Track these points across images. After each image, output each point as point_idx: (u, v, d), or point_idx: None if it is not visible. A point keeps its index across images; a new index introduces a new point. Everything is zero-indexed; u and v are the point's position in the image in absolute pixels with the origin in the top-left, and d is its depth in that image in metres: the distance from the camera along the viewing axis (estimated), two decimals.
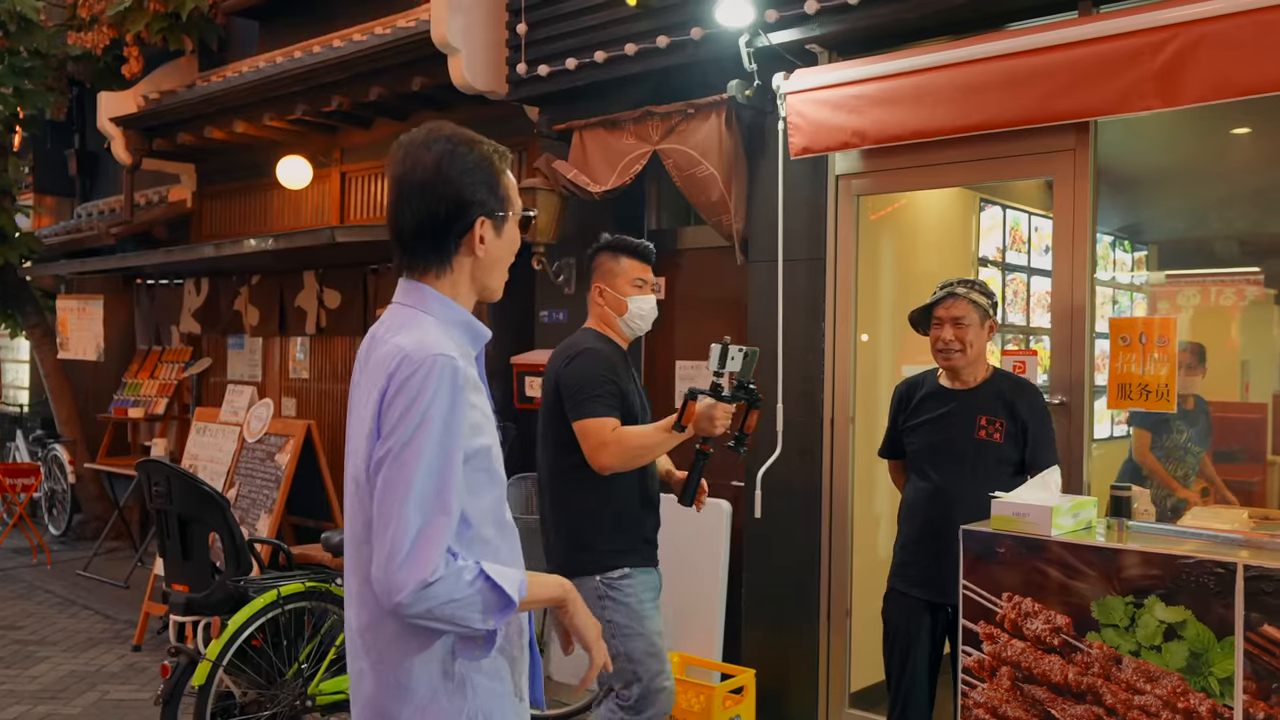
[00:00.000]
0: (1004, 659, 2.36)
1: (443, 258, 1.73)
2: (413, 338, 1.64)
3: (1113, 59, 3.53)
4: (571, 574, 2.97)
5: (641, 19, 4.90)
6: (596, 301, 3.28)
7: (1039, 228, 6.08)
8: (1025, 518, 2.35)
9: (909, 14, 4.08)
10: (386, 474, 1.57)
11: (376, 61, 6.08)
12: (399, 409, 1.58)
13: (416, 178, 1.72)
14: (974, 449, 3.14)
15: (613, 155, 5.11)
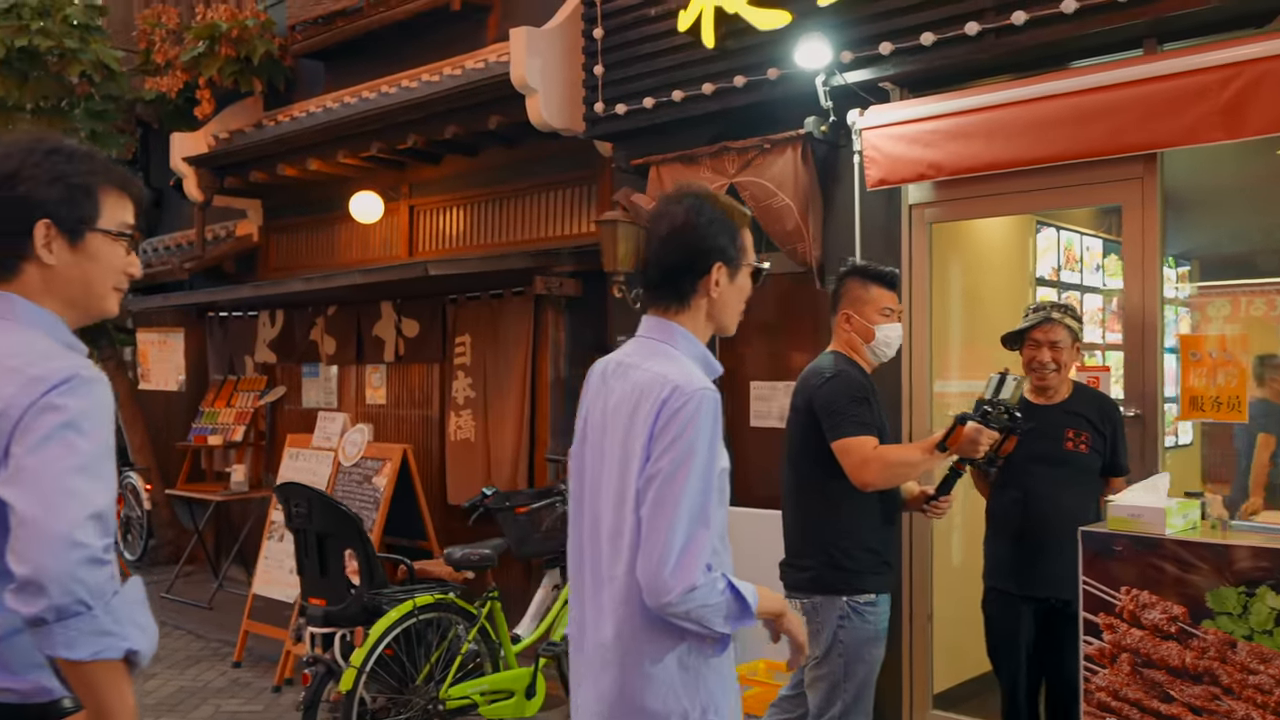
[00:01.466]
0: (1124, 646, 2.62)
1: (682, 298, 2.02)
2: (677, 370, 1.93)
3: (1180, 95, 3.80)
4: (819, 591, 3.18)
5: (719, 60, 5.20)
6: (843, 327, 3.36)
7: (1090, 247, 6.34)
8: (1140, 519, 2.62)
9: (980, 54, 4.38)
10: (658, 492, 1.85)
11: (453, 102, 6.40)
12: (671, 435, 1.86)
13: (666, 227, 2.02)
14: (1063, 459, 3.41)
15: None
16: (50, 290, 1.72)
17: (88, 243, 1.72)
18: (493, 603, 4.37)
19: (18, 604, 1.48)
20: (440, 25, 7.02)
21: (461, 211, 7.37)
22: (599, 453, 2.03)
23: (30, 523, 1.49)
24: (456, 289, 6.56)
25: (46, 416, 1.55)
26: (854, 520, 3.21)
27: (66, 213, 1.70)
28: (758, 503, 5.44)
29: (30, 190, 1.68)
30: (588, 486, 2.06)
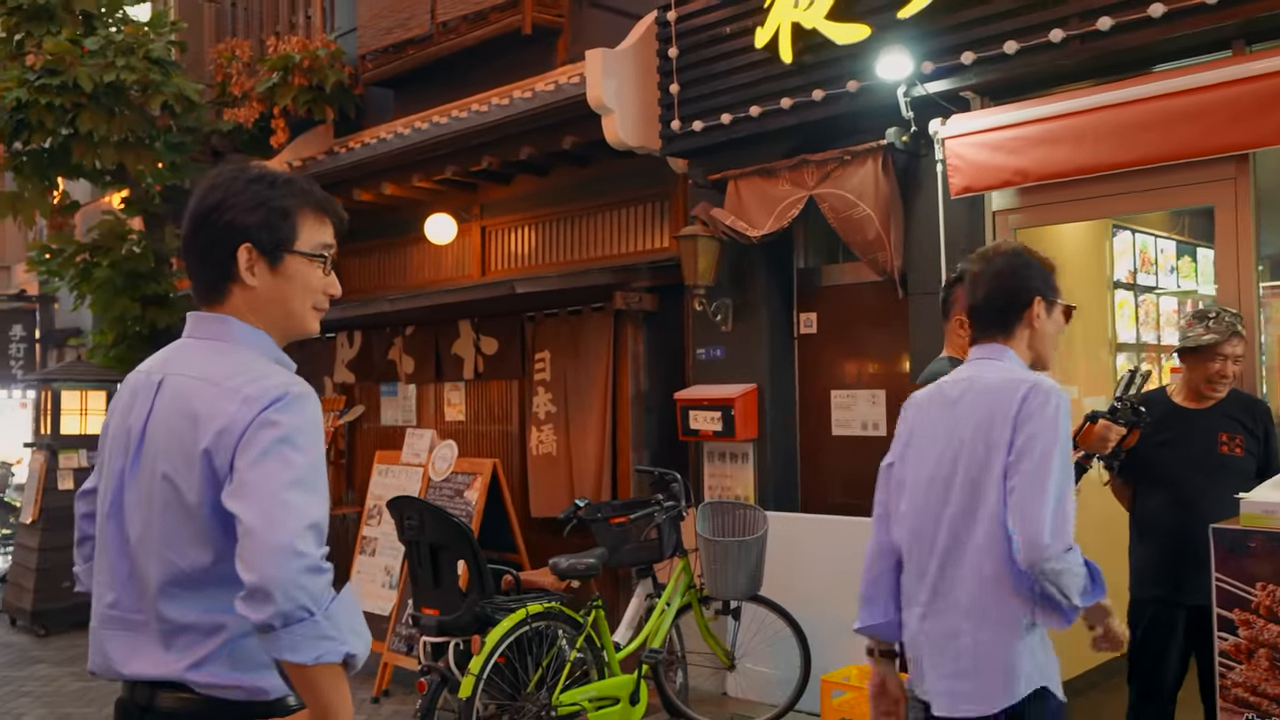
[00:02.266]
0: (1261, 642, 2.66)
1: (1008, 329, 2.42)
2: (1023, 372, 2.36)
3: (1271, 94, 3.83)
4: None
5: (796, 75, 5.29)
6: (957, 333, 3.37)
7: (1164, 250, 6.35)
8: (1275, 515, 2.65)
9: (1064, 60, 4.43)
10: (1033, 471, 2.16)
11: (528, 124, 6.54)
12: (1036, 425, 2.19)
13: (991, 272, 2.47)
14: (1218, 463, 3.43)
15: (769, 201, 5.50)
16: (255, 311, 1.82)
17: (286, 264, 1.81)
18: (597, 611, 4.46)
19: (247, 610, 1.57)
20: (510, 50, 7.18)
21: (533, 230, 7.51)
22: (931, 457, 2.37)
23: (254, 533, 1.58)
24: (535, 306, 6.69)
25: (265, 432, 1.64)
26: None
27: (266, 236, 1.79)
28: (841, 509, 5.50)
29: (234, 218, 1.78)
30: (917, 487, 2.39)
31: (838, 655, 5.06)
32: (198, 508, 1.67)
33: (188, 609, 1.69)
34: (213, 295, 1.83)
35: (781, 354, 5.89)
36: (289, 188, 1.84)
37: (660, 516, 4.90)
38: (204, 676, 1.69)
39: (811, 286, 5.94)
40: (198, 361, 1.78)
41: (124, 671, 1.76)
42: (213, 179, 1.85)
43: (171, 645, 1.71)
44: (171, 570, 1.70)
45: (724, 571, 4.82)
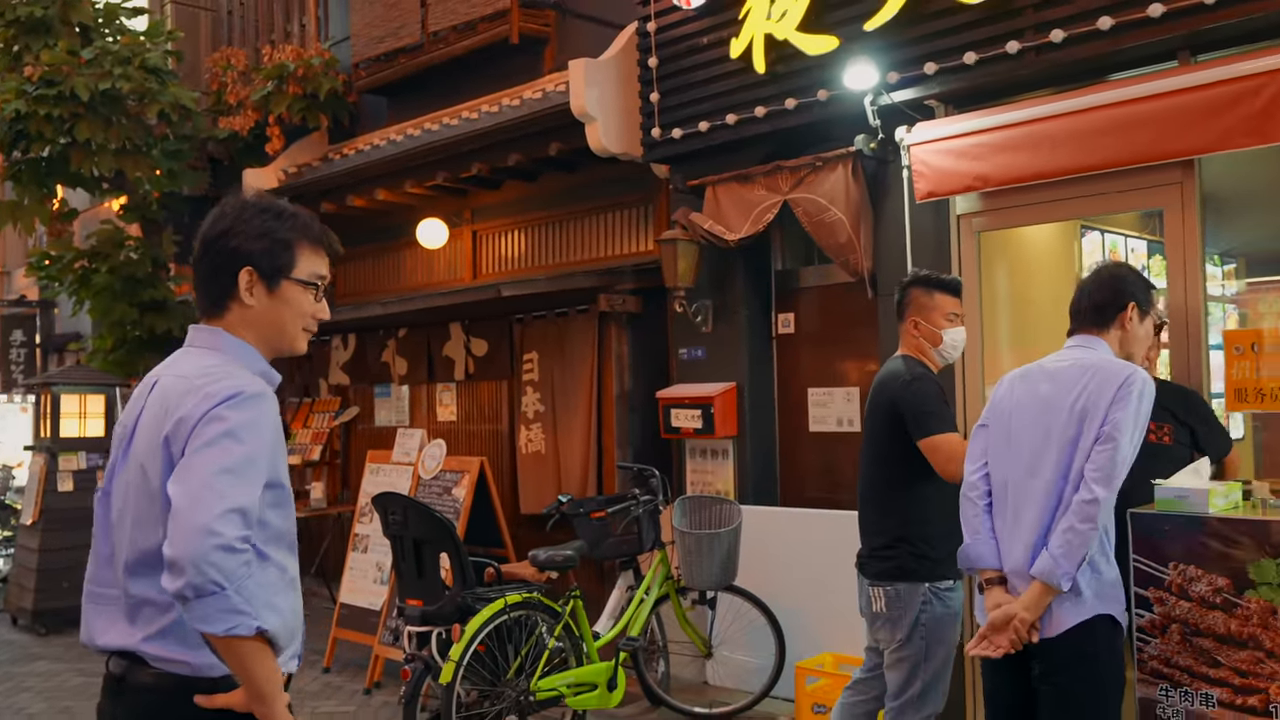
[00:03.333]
0: (1173, 617, 2.84)
1: (1104, 324, 3.01)
2: (1117, 362, 2.88)
3: (1215, 103, 4.01)
4: (902, 579, 3.42)
5: (769, 84, 5.49)
6: (911, 333, 3.60)
7: (1134, 249, 6.52)
8: (1186, 500, 2.84)
9: (1021, 70, 4.62)
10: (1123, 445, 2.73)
11: (515, 131, 6.74)
12: (1124, 402, 2.74)
13: (1099, 276, 3.12)
14: (1148, 451, 3.59)
15: (745, 206, 5.69)
16: (248, 326, 2.03)
17: (283, 289, 2.02)
18: (575, 601, 4.65)
19: (166, 582, 1.75)
20: (498, 59, 7.37)
21: (522, 234, 7.70)
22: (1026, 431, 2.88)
23: (179, 512, 1.76)
24: (523, 309, 6.89)
25: (213, 425, 1.83)
26: (934, 512, 3.42)
27: (267, 263, 2.00)
28: (818, 503, 5.70)
29: (240, 244, 1.99)
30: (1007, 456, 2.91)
31: (812, 643, 5.26)
32: (158, 492, 1.85)
33: (149, 585, 1.86)
34: (214, 310, 2.04)
35: (760, 353, 6.08)
36: (292, 221, 2.05)
37: (638, 511, 5.09)
38: (155, 649, 1.88)
39: (788, 288, 6.14)
40: (184, 364, 1.98)
41: (98, 643, 1.97)
42: (224, 207, 2.06)
43: (134, 618, 1.90)
44: (137, 549, 1.89)
45: (699, 563, 5.01)
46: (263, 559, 1.87)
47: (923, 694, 3.40)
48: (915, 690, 3.40)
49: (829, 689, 4.81)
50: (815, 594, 5.21)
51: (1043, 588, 2.72)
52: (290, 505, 2.01)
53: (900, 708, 3.43)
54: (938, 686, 3.42)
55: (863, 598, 3.56)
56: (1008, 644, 2.74)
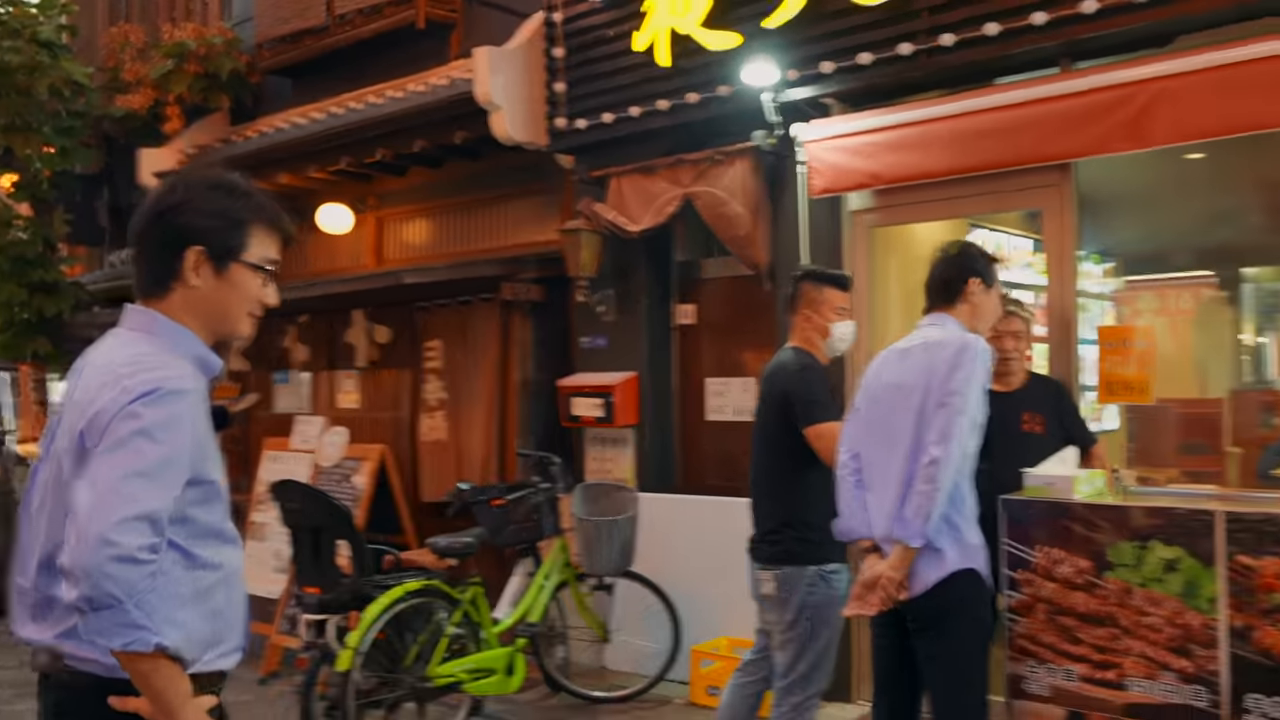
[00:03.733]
0: (1039, 598, 3.01)
1: (951, 301, 3.17)
2: (957, 334, 3.05)
3: (1091, 110, 4.22)
4: (789, 562, 3.51)
5: (673, 78, 5.56)
6: (802, 326, 3.69)
7: (1019, 247, 6.79)
8: (1053, 486, 3.01)
9: (913, 72, 4.77)
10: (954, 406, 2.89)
11: (420, 117, 6.68)
12: (959, 367, 2.92)
13: (942, 256, 3.26)
14: (1021, 440, 3.78)
15: (648, 198, 5.77)
16: (190, 309, 1.88)
17: (232, 272, 1.89)
18: (475, 588, 4.68)
19: (64, 590, 1.66)
20: (404, 43, 7.30)
21: (427, 221, 7.65)
22: (882, 409, 3.09)
23: (78, 517, 1.65)
24: (427, 296, 6.85)
25: (126, 423, 1.70)
26: (820, 497, 3.50)
27: (217, 243, 1.87)
28: (716, 491, 5.80)
29: (190, 220, 1.86)
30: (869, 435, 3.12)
31: (708, 627, 5.37)
32: (69, 486, 1.76)
33: (57, 583, 1.73)
34: (154, 290, 1.90)
35: (660, 343, 6.16)
36: (247, 200, 1.93)
37: (538, 498, 5.14)
38: (69, 647, 1.78)
39: (689, 279, 6.24)
40: (113, 350, 1.86)
41: (20, 634, 1.89)
42: (176, 179, 1.94)
43: (45, 615, 1.81)
44: (49, 544, 1.80)
45: (597, 549, 5.08)
46: (189, 559, 1.80)
47: (808, 673, 3.51)
48: (801, 670, 3.50)
49: (724, 672, 4.92)
50: (711, 579, 5.32)
51: (902, 548, 2.90)
52: (221, 499, 1.90)
53: (787, 687, 3.54)
54: (823, 666, 3.54)
55: (753, 581, 3.66)
56: (878, 602, 2.92)
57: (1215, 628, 2.74)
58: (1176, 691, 2.79)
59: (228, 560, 1.90)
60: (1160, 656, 2.82)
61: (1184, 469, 5.92)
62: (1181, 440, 6.48)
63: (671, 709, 5.24)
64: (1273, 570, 2.66)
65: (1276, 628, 2.65)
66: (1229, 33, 4.07)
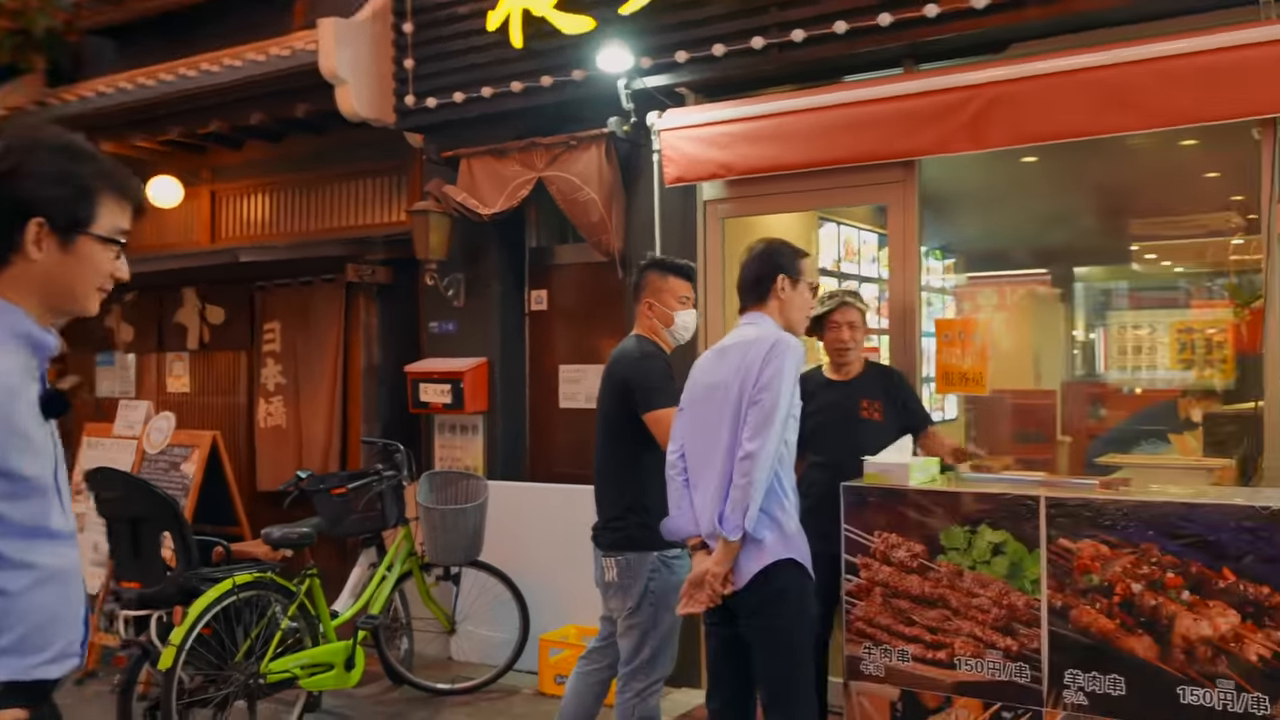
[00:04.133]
0: (876, 581, 3.09)
1: (763, 299, 3.17)
2: (770, 332, 3.05)
3: (933, 110, 4.36)
4: (632, 548, 3.48)
5: (526, 59, 5.47)
6: (645, 314, 3.70)
7: (866, 241, 7.00)
8: (890, 474, 3.09)
9: (766, 65, 4.83)
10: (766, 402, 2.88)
11: (260, 88, 6.38)
12: (770, 363, 2.91)
13: (750, 255, 3.25)
14: (860, 427, 3.88)
15: (500, 181, 5.66)
16: (27, 284, 1.70)
17: (78, 245, 1.71)
18: (311, 579, 4.50)
19: None
20: (242, 9, 6.96)
21: (266, 197, 7.32)
22: (702, 408, 3.08)
23: None
24: (265, 276, 6.56)
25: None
26: (660, 484, 3.46)
27: (62, 214, 1.68)
28: (567, 479, 5.77)
29: (31, 189, 1.67)
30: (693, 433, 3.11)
31: (556, 616, 5.34)
32: None
33: None
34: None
35: (513, 329, 6.07)
36: (94, 165, 1.75)
37: (381, 486, 4.98)
38: None
39: (542, 265, 6.17)
40: None
41: None
42: (9, 142, 1.70)
43: None
44: None
45: (443, 538, 4.97)
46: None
47: (652, 659, 3.52)
48: (645, 656, 3.51)
49: (572, 660, 4.88)
50: (560, 568, 5.29)
51: (724, 543, 2.92)
52: (40, 494, 1.70)
53: (631, 673, 3.54)
54: (666, 651, 3.55)
55: (597, 568, 3.64)
56: (706, 599, 2.94)
57: (1037, 607, 2.87)
58: (1002, 669, 2.92)
59: (48, 560, 1.72)
60: (988, 636, 2.94)
61: (1018, 456, 6.23)
62: (1017, 429, 6.83)
63: (520, 699, 5.18)
64: (1089, 553, 2.80)
65: (1092, 607, 2.80)
66: (1062, 42, 4.28)
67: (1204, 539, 2.64)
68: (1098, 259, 8.86)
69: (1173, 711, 2.70)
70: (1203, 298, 9.08)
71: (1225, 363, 5.90)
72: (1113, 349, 9.39)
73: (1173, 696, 2.70)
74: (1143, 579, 2.72)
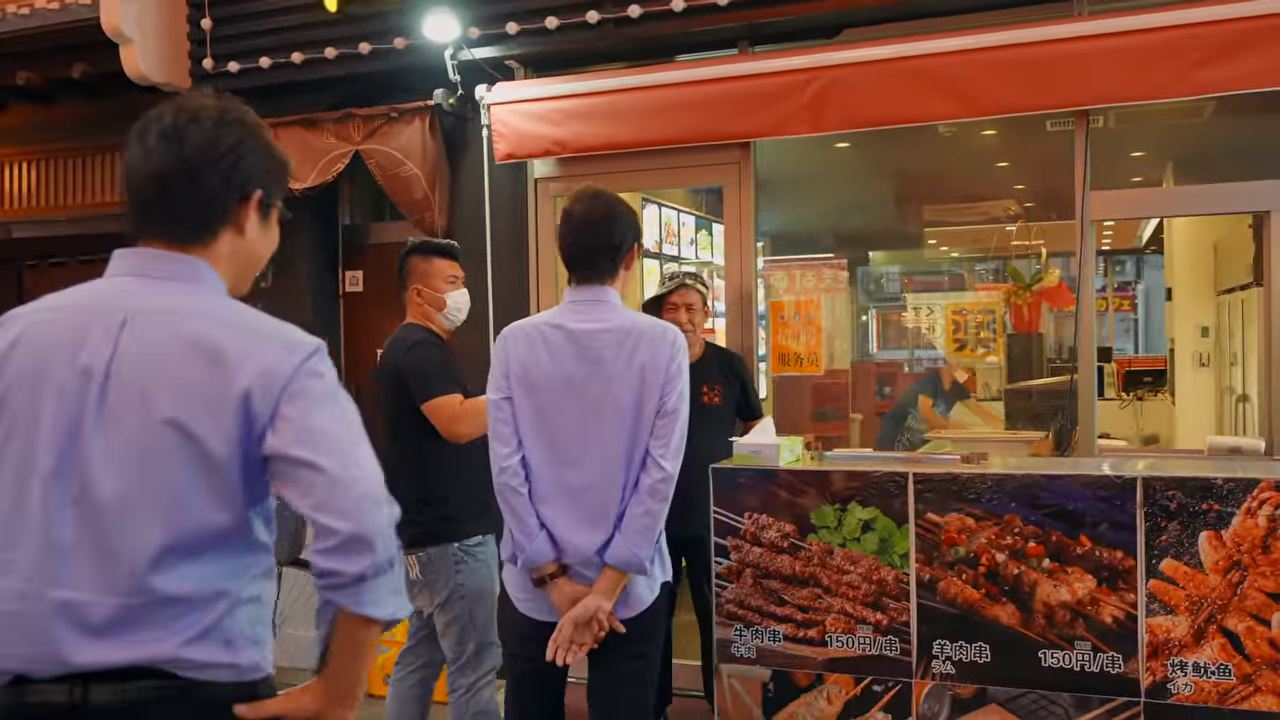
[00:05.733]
0: (746, 563, 3.07)
1: (613, 272, 2.61)
2: (655, 322, 2.56)
3: (770, 92, 4.38)
4: (430, 543, 3.29)
5: (342, 24, 5.12)
6: (415, 301, 3.53)
7: (685, 223, 7.04)
8: (760, 454, 3.07)
9: (600, 41, 4.73)
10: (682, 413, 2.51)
11: (26, 44, 5.71)
12: (681, 371, 2.51)
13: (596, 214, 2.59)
14: (700, 412, 3.82)
15: (313, 154, 5.29)
16: (232, 259, 1.70)
17: (271, 218, 1.76)
18: None
19: (336, 562, 1.49)
20: None
21: (38, 167, 6.56)
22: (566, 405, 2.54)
23: (341, 481, 1.50)
24: (39, 253, 5.88)
25: (314, 382, 1.57)
26: (451, 471, 3.38)
27: (273, 186, 1.73)
28: None
29: (255, 162, 1.69)
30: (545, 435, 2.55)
31: None
32: (227, 460, 1.52)
33: (185, 579, 1.50)
34: (198, 235, 1.66)
35: (326, 312, 5.72)
36: (272, 138, 1.78)
37: None
38: (197, 654, 1.51)
39: (357, 244, 5.83)
40: (180, 300, 1.60)
41: (75, 661, 1.46)
42: (220, 111, 1.70)
43: (159, 622, 1.49)
44: (174, 533, 1.50)
45: None
46: None
47: (478, 653, 3.39)
48: (470, 649, 3.38)
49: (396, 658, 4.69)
50: None
51: (618, 574, 2.50)
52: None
53: (459, 669, 3.40)
54: (491, 641, 3.41)
55: None
56: (592, 639, 2.50)
57: (906, 581, 2.93)
58: (873, 643, 2.96)
59: None
60: (858, 612, 2.98)
61: (818, 434, 6.46)
62: (815, 407, 7.07)
63: None
64: (955, 526, 2.88)
65: (959, 578, 2.88)
66: (893, 29, 4.40)
67: (1064, 508, 2.77)
68: (891, 244, 9.33)
69: (1035, 674, 2.82)
70: (983, 281, 9.76)
71: (995, 341, 6.26)
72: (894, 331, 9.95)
73: (1035, 660, 2.82)
74: (1006, 549, 2.82)
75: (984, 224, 8.48)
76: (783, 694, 3.04)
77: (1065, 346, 8.70)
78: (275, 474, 1.55)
